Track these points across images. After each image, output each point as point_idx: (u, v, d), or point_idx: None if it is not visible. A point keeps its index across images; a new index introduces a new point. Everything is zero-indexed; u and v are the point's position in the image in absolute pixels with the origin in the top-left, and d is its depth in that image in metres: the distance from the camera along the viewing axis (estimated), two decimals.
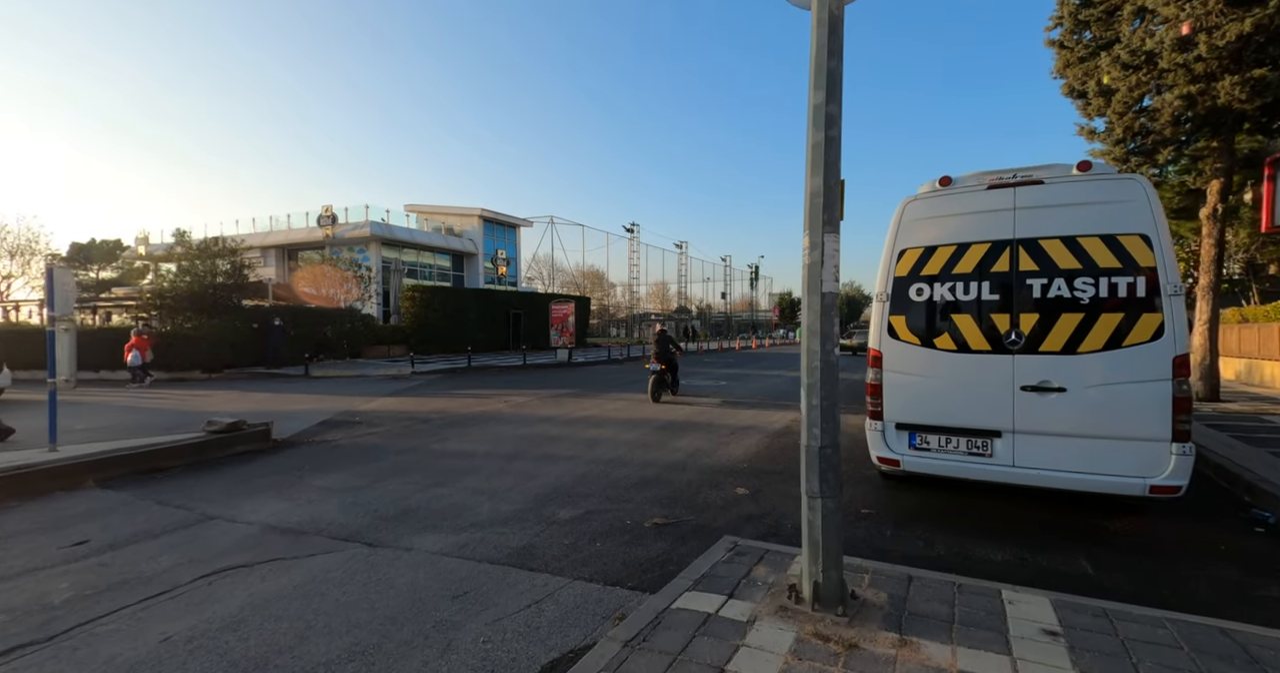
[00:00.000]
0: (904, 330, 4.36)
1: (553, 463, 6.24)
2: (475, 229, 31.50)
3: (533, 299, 28.33)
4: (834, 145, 2.74)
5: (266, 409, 10.38)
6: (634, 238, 44.58)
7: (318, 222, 26.67)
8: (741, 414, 9.49)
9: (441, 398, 11.84)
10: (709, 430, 8.03)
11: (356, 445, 7.28)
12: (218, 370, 16.81)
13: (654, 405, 10.54)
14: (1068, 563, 3.59)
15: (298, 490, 5.38)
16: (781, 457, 6.47)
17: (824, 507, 2.68)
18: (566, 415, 9.39)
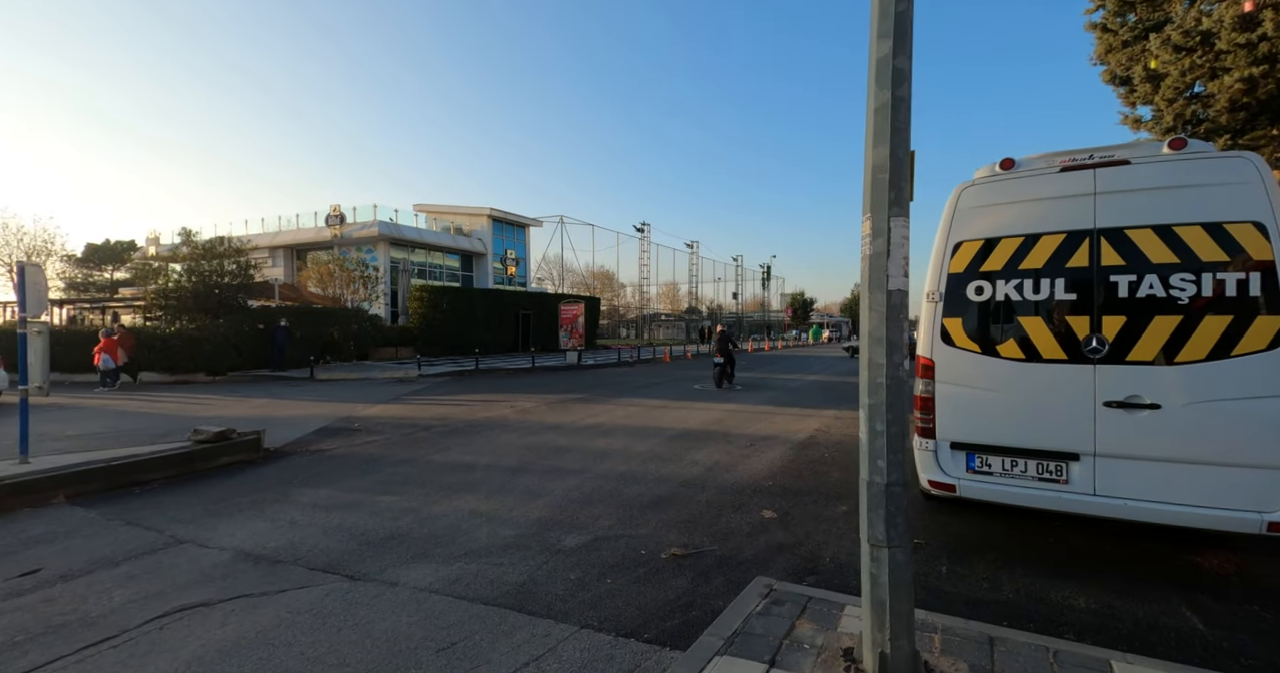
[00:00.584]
0: (961, 335, 3.80)
1: (559, 477, 5.73)
2: (484, 229, 31.16)
3: (542, 300, 27.92)
4: (903, 108, 2.21)
5: (264, 415, 10.00)
6: (645, 238, 44.07)
7: (326, 221, 26.45)
8: (760, 422, 8.93)
9: (446, 403, 11.40)
10: (727, 441, 7.49)
11: (352, 456, 6.83)
12: (222, 373, 16.53)
13: (667, 412, 10.01)
14: (1169, 613, 3.01)
15: (282, 508, 4.92)
16: (809, 473, 5.91)
17: (892, 559, 2.15)
18: (574, 423, 8.90)
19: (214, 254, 17.14)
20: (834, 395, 12.47)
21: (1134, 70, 9.36)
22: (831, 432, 8.13)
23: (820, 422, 8.96)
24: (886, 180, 2.20)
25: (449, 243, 30.07)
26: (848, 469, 6.01)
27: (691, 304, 63.88)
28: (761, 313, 74.61)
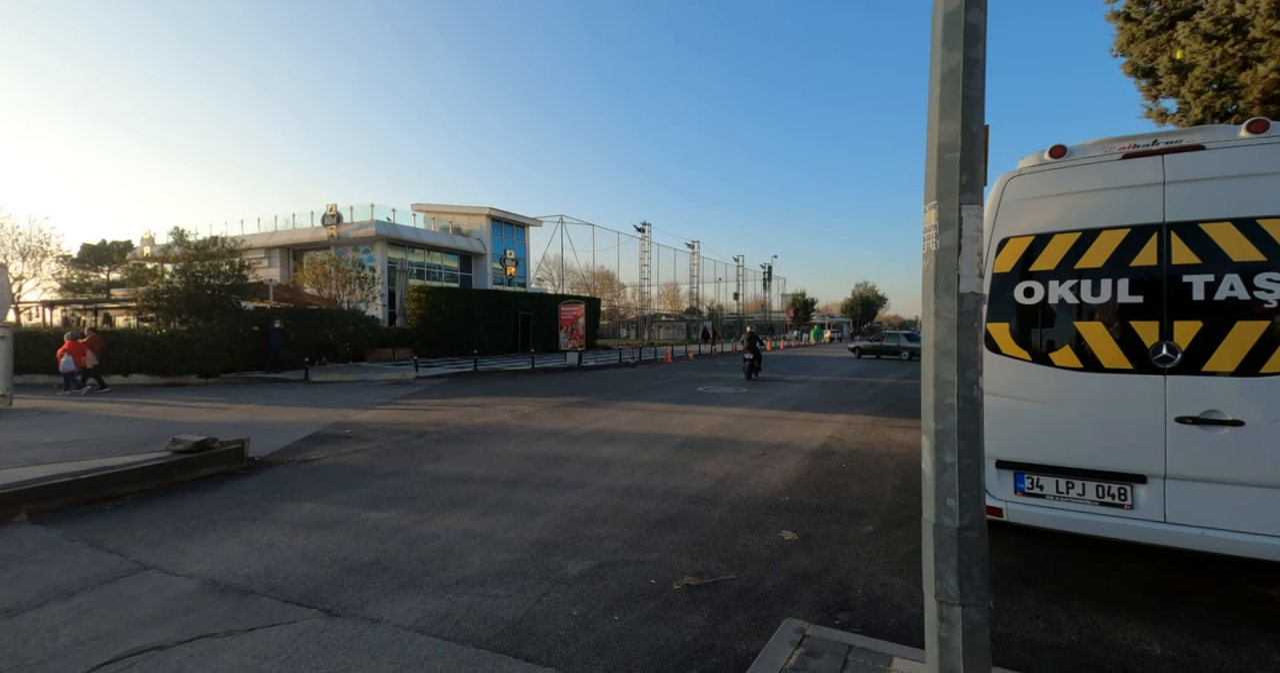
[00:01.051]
0: (1008, 342, 3.42)
1: (559, 492, 5.35)
2: (483, 229, 30.75)
3: (542, 300, 27.53)
4: (977, 71, 1.83)
5: (252, 420, 9.62)
6: (645, 237, 43.68)
7: (322, 221, 26.04)
8: (770, 428, 8.55)
9: (443, 407, 11.02)
10: (736, 449, 7.11)
11: (340, 467, 6.45)
12: (214, 375, 16.15)
13: (672, 417, 9.64)
14: (1261, 663, 2.63)
15: (260, 528, 4.54)
16: (827, 486, 5.53)
17: (967, 620, 1.76)
18: (576, 429, 8.51)
19: (207, 254, 16.76)
20: (843, 399, 12.09)
21: (1159, 61, 8.97)
22: (846, 439, 7.75)
23: (832, 428, 8.58)
24: (956, 160, 1.82)
25: (447, 243, 29.67)
26: (869, 482, 5.63)
27: (692, 304, 63.49)
28: (762, 313, 74.20)
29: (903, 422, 9.13)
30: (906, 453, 6.89)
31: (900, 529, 4.39)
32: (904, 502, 5.04)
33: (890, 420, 9.29)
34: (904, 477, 5.82)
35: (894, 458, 6.64)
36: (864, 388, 14.33)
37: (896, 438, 7.82)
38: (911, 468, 6.15)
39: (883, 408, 10.74)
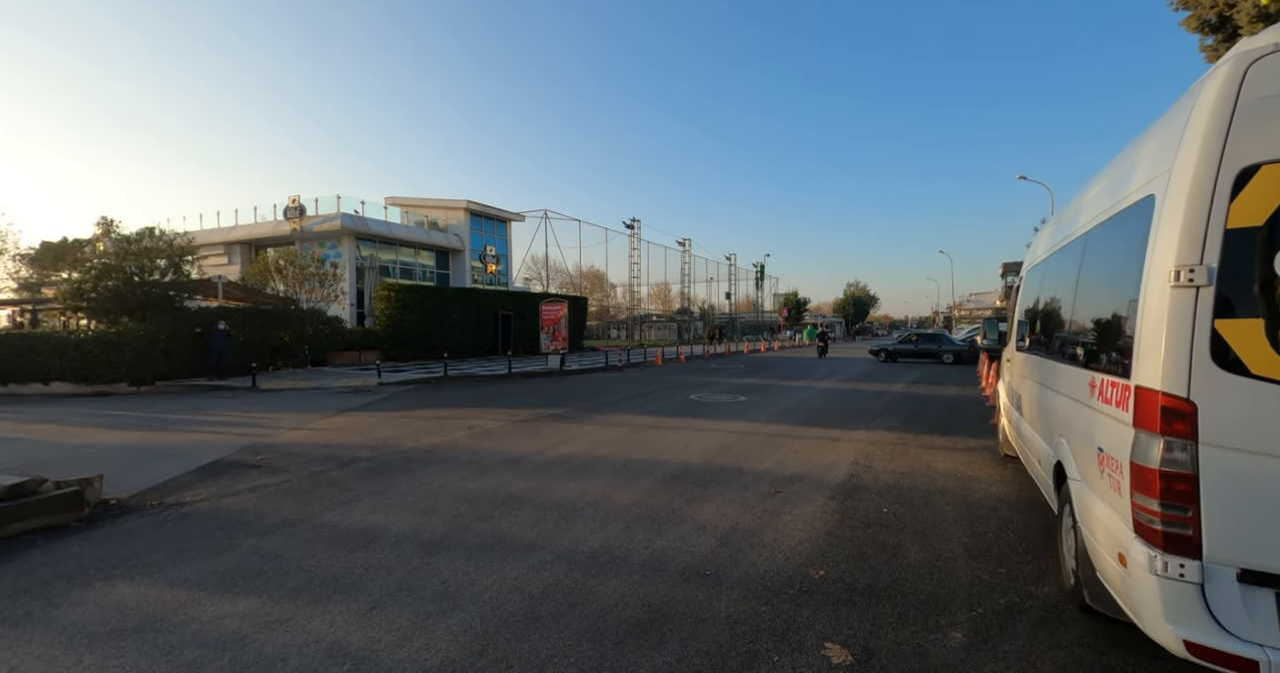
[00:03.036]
0: (1262, 353, 1.89)
1: (499, 561, 3.77)
2: (461, 224, 28.97)
3: (525, 299, 25.87)
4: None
5: (152, 442, 7.94)
6: (634, 234, 42.12)
7: (284, 214, 24.20)
8: (779, 451, 7.02)
9: (393, 422, 9.39)
10: (741, 484, 5.56)
11: (217, 515, 4.82)
12: (147, 383, 14.37)
13: (661, 435, 8.07)
14: None
15: (13, 645, 2.92)
16: (872, 548, 3.98)
17: None
18: (540, 454, 6.92)
19: (139, 248, 14.95)
20: (855, 410, 10.59)
21: (1238, 9, 7.53)
22: (875, 466, 6.23)
23: (854, 450, 7.06)
24: None
25: (422, 238, 27.85)
26: (927, 540, 4.10)
27: (684, 304, 62.00)
28: (755, 313, 72.88)
29: (936, 441, 7.63)
30: (958, 488, 5.38)
31: (1006, 635, 2.86)
32: (990, 577, 3.51)
33: (920, 439, 7.79)
34: (971, 530, 4.30)
35: (946, 497, 5.12)
36: (874, 396, 12.86)
37: (938, 464, 6.32)
38: (976, 514, 4.64)
39: (905, 421, 9.25)
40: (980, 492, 5.26)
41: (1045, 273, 4.17)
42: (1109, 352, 2.56)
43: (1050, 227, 4.45)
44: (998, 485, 5.45)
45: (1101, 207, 2.98)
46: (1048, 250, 4.25)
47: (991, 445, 7.23)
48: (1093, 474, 2.63)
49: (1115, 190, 2.82)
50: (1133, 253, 2.31)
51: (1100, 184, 3.20)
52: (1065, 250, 3.61)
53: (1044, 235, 4.71)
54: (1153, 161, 2.36)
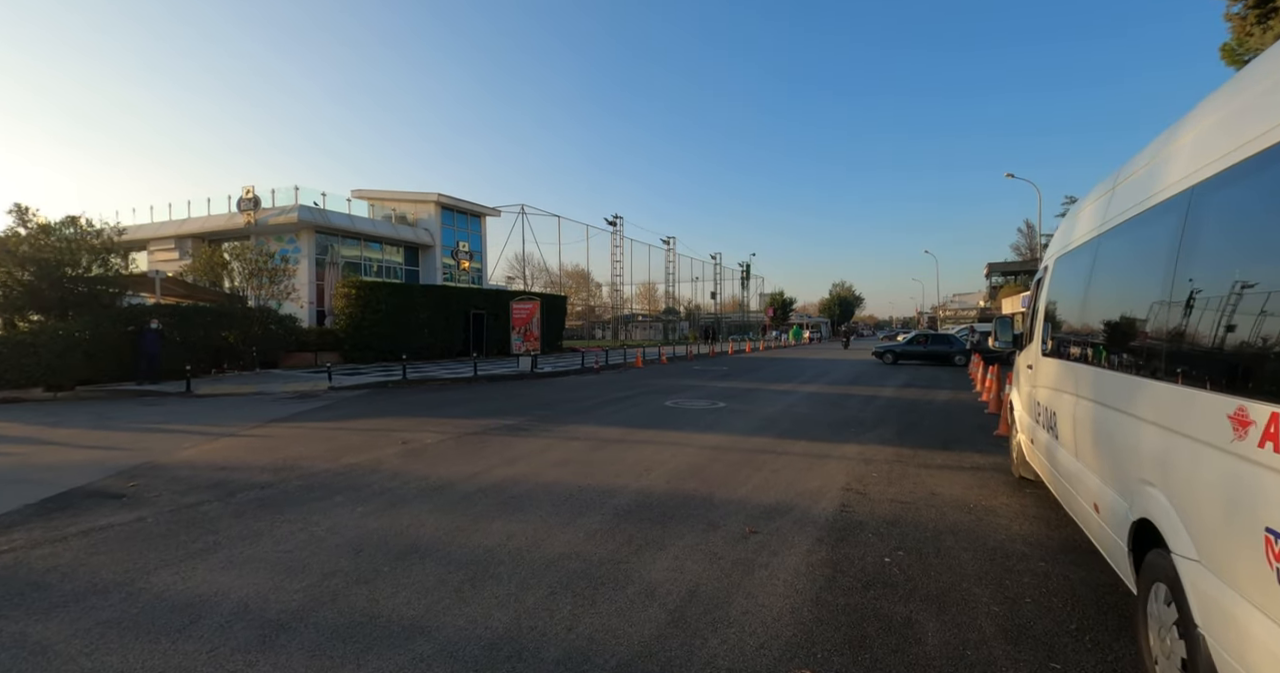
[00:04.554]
0: None
1: (352, 663, 2.66)
2: (432, 218, 27.54)
3: (499, 298, 24.61)
4: None
5: (20, 462, 6.68)
6: (617, 231, 40.97)
7: (237, 205, 22.68)
8: (758, 471, 5.98)
9: (320, 434, 8.21)
10: (709, 521, 4.51)
11: (7, 576, 3.65)
12: (66, 387, 12.96)
13: (624, 452, 7.00)
14: None
15: None
16: (875, 626, 2.93)
17: None
18: (474, 479, 5.81)
19: (60, 239, 13.52)
20: (844, 418, 9.62)
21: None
22: (870, 494, 5.21)
23: (845, 471, 6.05)
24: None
25: (389, 232, 26.35)
26: (945, 610, 3.07)
27: (670, 304, 61.01)
28: (740, 313, 72.14)
29: (937, 458, 6.65)
30: (972, 525, 4.38)
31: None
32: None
33: (919, 456, 6.81)
34: (1002, 592, 3.28)
35: (960, 539, 4.11)
36: (863, 401, 11.92)
37: (943, 489, 5.32)
38: (1002, 566, 3.63)
39: (899, 433, 8.29)
40: (1001, 531, 4.26)
41: (1101, 256, 3.17)
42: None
43: (1098, 197, 3.45)
44: (1020, 521, 4.46)
45: (1226, 147, 1.96)
46: (1099, 226, 3.26)
47: (1001, 464, 6.27)
48: (1243, 567, 1.61)
49: (1256, 117, 1.80)
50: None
51: (1207, 120, 2.19)
52: (1143, 221, 2.60)
53: (1087, 210, 3.72)
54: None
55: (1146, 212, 2.56)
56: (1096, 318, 3.11)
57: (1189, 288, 2.11)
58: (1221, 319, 1.87)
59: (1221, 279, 1.94)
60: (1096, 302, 3.12)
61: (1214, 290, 1.95)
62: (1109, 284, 3.01)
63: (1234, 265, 1.90)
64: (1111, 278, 2.99)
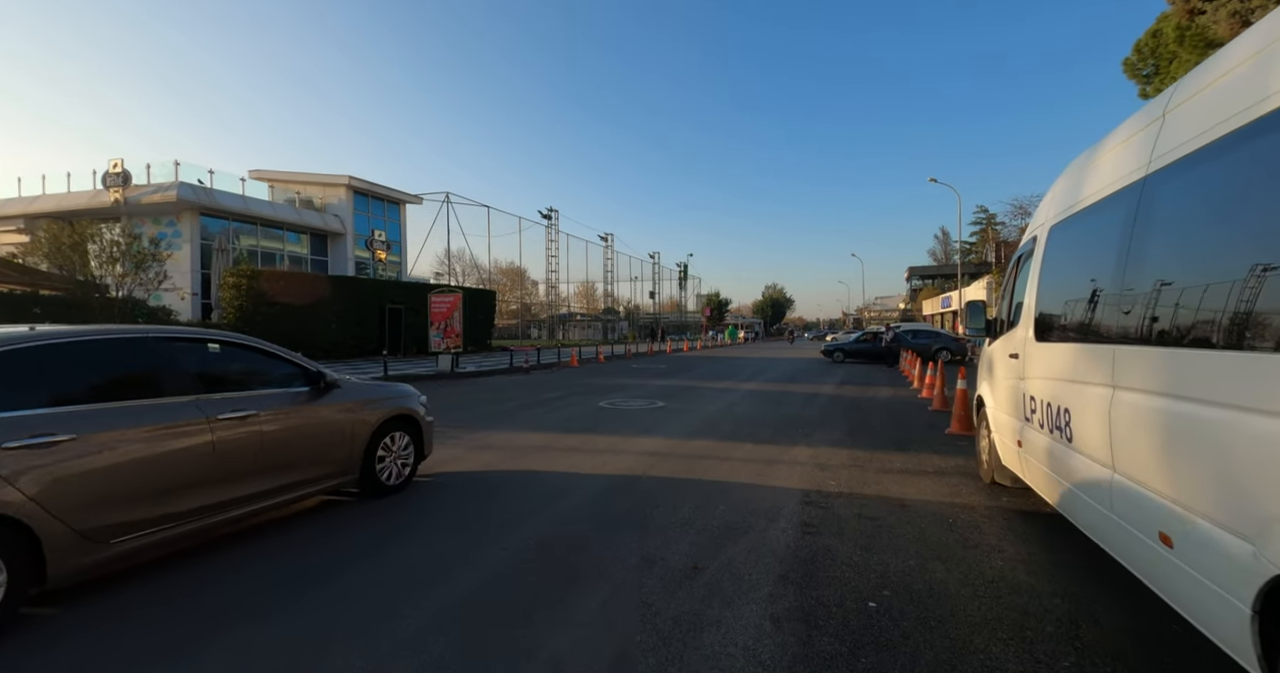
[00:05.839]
0: None
1: None
2: (343, 203, 25.00)
3: (418, 291, 22.65)
4: None
5: None
6: (552, 225, 39.43)
7: (103, 181, 19.54)
8: (703, 478, 5.05)
9: None
10: (644, 553, 3.50)
11: None
12: None
13: (554, 461, 5.88)
14: None
15: None
16: None
17: None
18: None
19: None
20: (789, 416, 8.94)
21: None
22: (834, 507, 4.39)
23: (800, 477, 5.24)
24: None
25: (290, 217, 23.60)
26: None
27: (609, 304, 59.96)
28: (679, 313, 72.20)
29: (896, 461, 5.98)
30: (960, 547, 3.63)
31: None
32: None
33: (877, 458, 6.13)
34: (1029, 652, 2.47)
35: (950, 567, 3.33)
36: (806, 399, 11.37)
37: (913, 499, 4.59)
38: (1015, 608, 2.84)
39: (850, 432, 7.65)
40: (994, 553, 3.52)
41: (1154, 202, 2.42)
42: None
43: (1133, 134, 2.74)
44: (1011, 539, 3.75)
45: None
46: (1141, 167, 2.53)
47: (964, 466, 5.68)
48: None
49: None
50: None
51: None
52: (1252, 134, 1.82)
53: (1109, 156, 3.02)
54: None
55: (1262, 120, 1.78)
56: (1148, 283, 2.36)
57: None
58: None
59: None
60: (1153, 261, 2.36)
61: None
62: (1177, 234, 2.26)
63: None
64: (1182, 226, 2.24)
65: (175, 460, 3.23)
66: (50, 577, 2.70)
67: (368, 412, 4.53)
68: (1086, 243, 3.14)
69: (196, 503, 3.31)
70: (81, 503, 2.82)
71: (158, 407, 3.26)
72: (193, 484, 3.31)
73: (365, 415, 4.50)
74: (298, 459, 3.95)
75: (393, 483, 4.70)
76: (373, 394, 4.70)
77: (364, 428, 4.45)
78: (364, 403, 4.55)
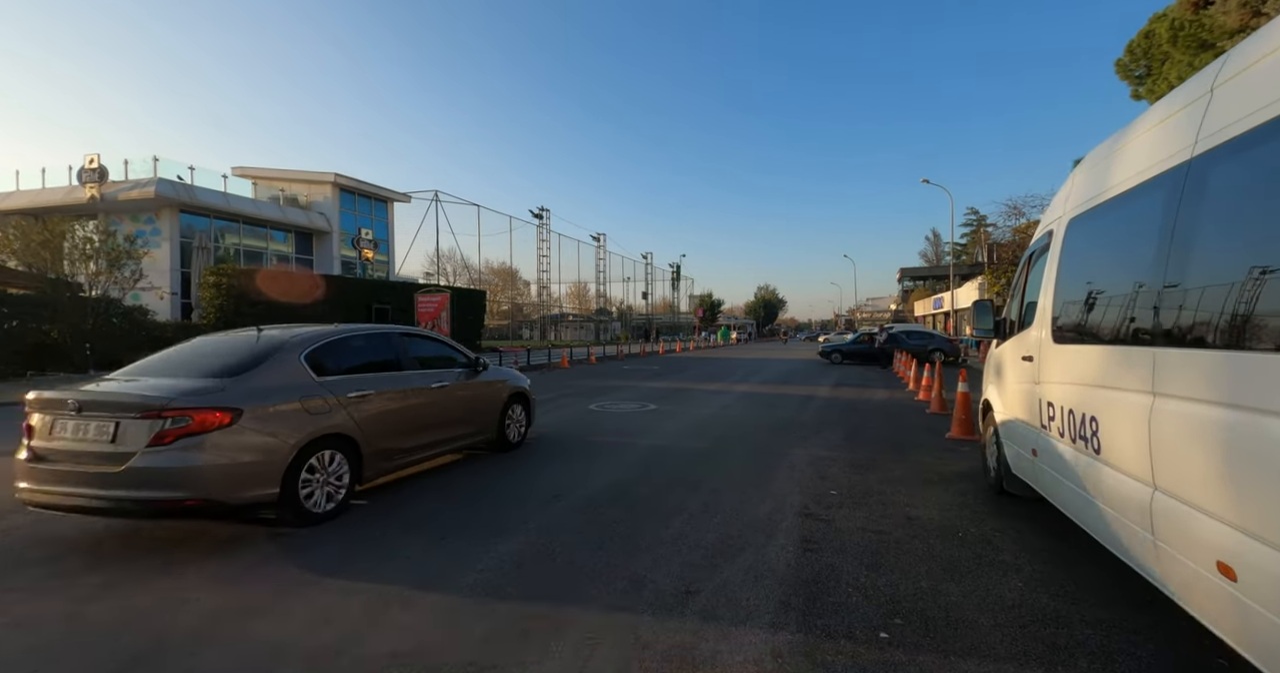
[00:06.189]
0: None
1: None
2: (329, 201, 24.46)
3: (406, 291, 22.20)
4: None
5: None
6: (543, 224, 39.04)
7: (77, 177, 18.96)
8: (695, 489, 4.76)
9: None
10: (632, 573, 3.21)
11: None
12: None
13: (512, 477, 5.57)
14: None
15: None
16: None
17: None
18: None
19: None
20: (784, 420, 8.68)
21: None
22: (836, 520, 4.11)
23: (798, 486, 4.96)
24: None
25: (274, 215, 23.02)
26: None
27: (601, 304, 59.59)
28: (671, 314, 71.95)
29: (897, 468, 5.72)
30: (977, 567, 3.36)
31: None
32: None
33: (877, 465, 5.86)
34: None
35: (967, 589, 3.06)
36: (800, 402, 11.12)
37: (919, 511, 4.32)
38: (1040, 637, 2.57)
39: (847, 436, 7.40)
40: (1012, 573, 3.25)
41: (1206, 183, 2.15)
42: None
43: (1173, 113, 2.47)
44: (1029, 558, 3.49)
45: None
46: (1185, 148, 2.26)
47: (969, 473, 5.42)
48: None
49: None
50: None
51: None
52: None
53: (1139, 140, 2.76)
54: None
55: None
56: (1198, 277, 2.09)
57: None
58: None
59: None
60: (1202, 253, 2.09)
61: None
62: (1235, 220, 1.99)
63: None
64: (1242, 210, 1.97)
65: (415, 411, 4.97)
66: (363, 478, 4.42)
67: (502, 388, 6.22)
68: (1116, 235, 2.88)
69: (425, 439, 5.05)
70: (377, 432, 4.48)
71: (403, 377, 4.97)
72: (423, 427, 5.03)
73: (501, 390, 6.18)
74: (467, 417, 5.64)
75: (515, 441, 6.38)
76: (504, 376, 6.39)
77: (499, 400, 6.13)
78: (501, 381, 6.23)
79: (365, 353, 4.84)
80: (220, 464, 3.53)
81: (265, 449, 3.73)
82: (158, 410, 3.45)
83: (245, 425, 3.67)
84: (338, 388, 4.28)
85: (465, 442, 5.67)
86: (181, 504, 3.45)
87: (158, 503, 3.43)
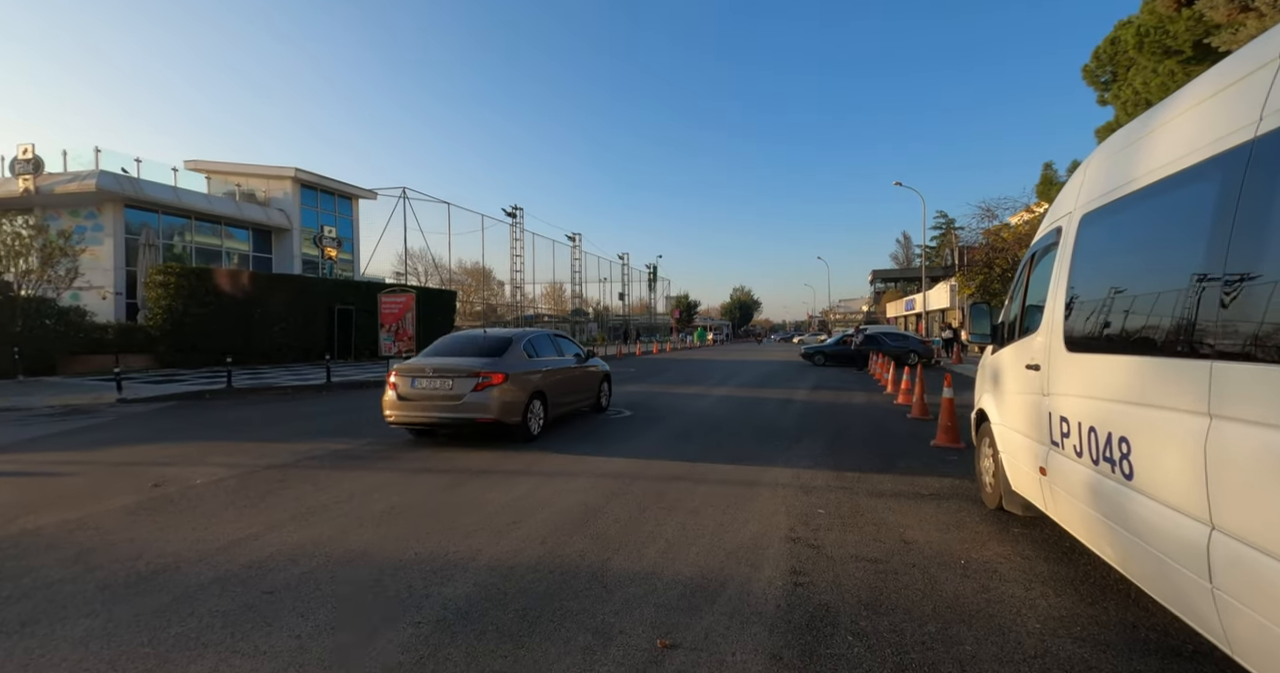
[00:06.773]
0: None
1: None
2: (289, 197, 23.32)
3: (372, 291, 21.28)
4: None
5: None
6: (517, 223, 38.18)
7: (11, 168, 17.63)
8: (671, 512, 4.33)
9: (44, 467, 5.46)
10: (598, 623, 2.76)
11: None
12: None
13: (488, 493, 5.09)
14: None
15: None
16: None
17: None
18: (223, 555, 3.65)
19: None
20: (765, 427, 8.32)
21: None
22: (826, 546, 3.72)
23: (784, 506, 4.57)
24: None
25: (229, 211, 21.80)
26: None
27: (578, 305, 58.79)
28: (648, 315, 71.55)
29: (886, 482, 5.37)
30: (984, 603, 3.00)
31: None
32: None
33: (866, 480, 5.52)
34: None
35: (978, 631, 2.70)
36: (780, 406, 10.81)
37: (915, 535, 3.97)
38: None
39: (831, 445, 7.06)
40: (1025, 608, 2.89)
41: (1250, 186, 1.80)
42: None
43: (1215, 92, 2.14)
44: (1040, 589, 3.14)
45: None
46: (1243, 127, 1.91)
47: (961, 487, 5.11)
48: None
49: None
50: None
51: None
52: None
53: (1172, 125, 2.43)
54: None
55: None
56: (1274, 275, 1.74)
57: None
58: None
59: None
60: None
61: None
62: None
63: None
64: None
65: (567, 381, 8.17)
66: (546, 421, 7.43)
67: (598, 371, 9.38)
68: (1149, 230, 2.54)
69: (571, 399, 8.37)
70: (554, 392, 7.67)
71: (561, 360, 8.21)
72: (571, 392, 8.33)
73: (598, 372, 9.36)
74: (585, 387, 8.91)
75: (604, 406, 9.66)
76: (599, 364, 9.46)
77: (599, 378, 9.40)
78: (597, 367, 9.36)
79: (543, 345, 7.98)
80: (503, 401, 6.61)
81: (516, 396, 6.78)
82: (477, 373, 6.60)
83: (509, 384, 6.70)
84: (539, 365, 7.49)
85: (584, 404, 8.95)
86: (485, 420, 6.59)
87: (473, 421, 6.61)
